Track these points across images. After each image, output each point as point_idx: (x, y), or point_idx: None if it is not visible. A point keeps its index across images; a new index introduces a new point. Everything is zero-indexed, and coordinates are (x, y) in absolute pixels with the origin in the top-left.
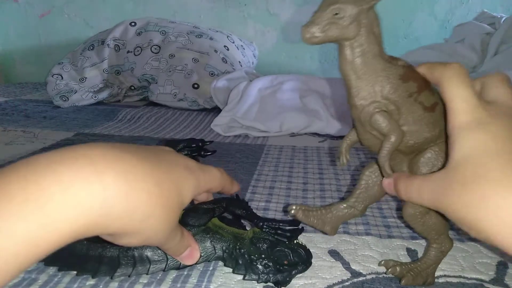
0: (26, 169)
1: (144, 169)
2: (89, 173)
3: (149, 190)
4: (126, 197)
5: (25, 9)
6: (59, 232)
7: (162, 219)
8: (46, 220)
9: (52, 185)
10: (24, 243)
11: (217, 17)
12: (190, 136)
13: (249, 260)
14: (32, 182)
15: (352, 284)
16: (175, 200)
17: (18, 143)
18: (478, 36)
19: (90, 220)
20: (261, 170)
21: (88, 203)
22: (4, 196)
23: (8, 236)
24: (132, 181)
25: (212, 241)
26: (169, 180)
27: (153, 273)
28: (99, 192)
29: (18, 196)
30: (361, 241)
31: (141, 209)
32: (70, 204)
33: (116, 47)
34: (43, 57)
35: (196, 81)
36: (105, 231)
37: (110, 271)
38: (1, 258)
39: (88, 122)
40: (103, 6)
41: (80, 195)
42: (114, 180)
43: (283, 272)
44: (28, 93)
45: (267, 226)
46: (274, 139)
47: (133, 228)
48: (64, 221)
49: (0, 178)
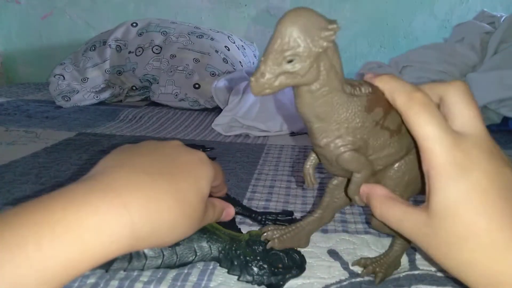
0: (65, 200)
1: (163, 189)
2: (117, 206)
3: (169, 207)
4: (150, 221)
5: (27, 10)
6: (95, 257)
7: (188, 225)
8: (85, 247)
9: (89, 216)
10: (65, 265)
11: (218, 18)
12: (191, 136)
13: (244, 261)
14: (71, 213)
15: (350, 284)
16: (196, 199)
17: (20, 143)
18: (477, 36)
19: (121, 244)
20: (261, 169)
21: (119, 231)
22: (48, 224)
23: (52, 258)
24: (154, 206)
25: (208, 241)
26: (187, 183)
27: (148, 269)
28: (127, 221)
29: (60, 226)
30: (360, 240)
31: (165, 225)
32: (105, 233)
33: (118, 48)
34: (45, 58)
35: (197, 81)
36: (135, 250)
37: (106, 264)
38: (44, 276)
39: (90, 122)
40: (104, 7)
41: (112, 224)
42: (138, 209)
43: (277, 275)
44: (30, 94)
45: (265, 219)
46: (274, 139)
47: (162, 241)
48: (99, 247)
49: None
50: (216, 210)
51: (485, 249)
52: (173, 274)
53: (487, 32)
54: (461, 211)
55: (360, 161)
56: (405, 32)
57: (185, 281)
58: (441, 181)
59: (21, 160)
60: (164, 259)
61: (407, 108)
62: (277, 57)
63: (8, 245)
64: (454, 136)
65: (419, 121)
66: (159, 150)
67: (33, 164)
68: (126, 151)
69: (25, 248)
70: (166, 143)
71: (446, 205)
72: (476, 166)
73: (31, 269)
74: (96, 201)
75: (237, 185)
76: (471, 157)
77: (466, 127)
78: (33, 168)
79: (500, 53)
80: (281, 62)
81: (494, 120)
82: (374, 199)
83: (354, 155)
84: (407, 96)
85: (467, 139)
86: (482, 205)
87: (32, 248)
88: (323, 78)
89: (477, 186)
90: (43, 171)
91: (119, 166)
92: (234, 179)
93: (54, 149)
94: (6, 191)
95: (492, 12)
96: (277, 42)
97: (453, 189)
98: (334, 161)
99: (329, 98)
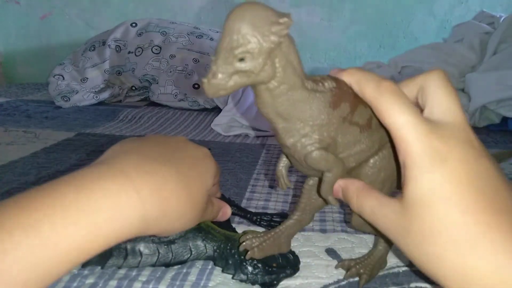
0: (77, 184)
1: (172, 176)
2: (129, 190)
3: (178, 196)
4: (160, 206)
5: (27, 11)
6: (105, 239)
7: (193, 215)
8: (97, 230)
9: (102, 200)
10: (78, 247)
11: (217, 18)
12: (191, 136)
13: (239, 260)
14: (84, 196)
15: (348, 283)
16: (201, 191)
17: (20, 143)
18: (477, 36)
19: (132, 228)
20: (260, 169)
21: (131, 215)
22: (61, 208)
23: (66, 240)
24: (164, 192)
25: (204, 240)
26: (194, 175)
27: (143, 266)
28: (138, 205)
29: (73, 209)
30: (358, 239)
31: (173, 212)
32: (116, 217)
33: (117, 48)
34: (45, 58)
35: (196, 81)
36: (144, 234)
37: (101, 261)
38: (58, 257)
39: (90, 122)
40: (104, 7)
41: (124, 208)
42: (150, 194)
43: (271, 274)
44: (29, 94)
45: (260, 219)
46: (273, 139)
47: (168, 228)
48: (111, 230)
49: (55, 191)
50: (214, 208)
51: (458, 243)
52: (172, 273)
53: (487, 32)
54: (435, 202)
55: (329, 160)
56: (405, 32)
57: (184, 281)
58: (415, 170)
59: (20, 160)
60: (159, 257)
61: (376, 97)
62: (227, 55)
63: (23, 227)
64: (429, 124)
65: (391, 110)
66: (165, 143)
67: (32, 164)
68: (134, 141)
69: (40, 229)
70: (172, 137)
71: (420, 195)
72: (452, 155)
73: (46, 250)
74: (109, 184)
75: (236, 185)
76: (447, 146)
77: (445, 115)
78: (32, 169)
79: (500, 53)
80: (232, 61)
81: (493, 120)
82: (350, 191)
83: (322, 153)
84: (375, 86)
85: (444, 127)
86: (457, 196)
87: (47, 229)
88: (280, 75)
89: (453, 176)
90: (42, 172)
91: (129, 153)
92: (233, 179)
93: (53, 149)
94: (5, 192)
95: (491, 12)
96: (226, 40)
97: (427, 179)
98: (303, 161)
99: (289, 95)
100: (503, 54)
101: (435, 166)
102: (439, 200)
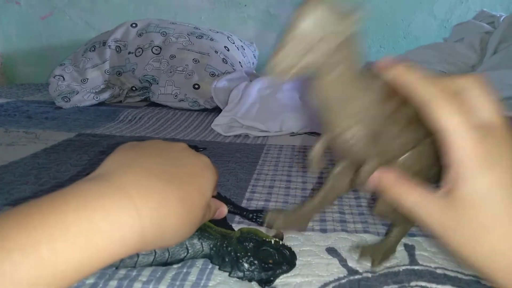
0: (77, 201)
1: (172, 192)
2: (129, 210)
3: (176, 214)
4: (159, 225)
5: (27, 11)
6: (103, 260)
7: (190, 229)
8: (96, 251)
9: (102, 221)
10: (76, 267)
11: (217, 18)
12: (191, 136)
13: (235, 257)
14: (84, 216)
15: (348, 282)
16: (200, 205)
17: (20, 144)
18: (477, 35)
19: (128, 248)
20: (260, 169)
21: (130, 236)
22: (61, 227)
23: (64, 260)
24: (163, 210)
25: (200, 238)
26: (193, 190)
27: (140, 266)
28: (137, 226)
29: (72, 229)
30: (358, 239)
31: (170, 230)
32: (116, 238)
33: (118, 48)
34: (45, 59)
35: (196, 82)
36: (140, 251)
37: None
38: (56, 277)
39: (90, 122)
40: (104, 7)
41: (123, 229)
42: (150, 214)
43: (268, 270)
44: (30, 94)
45: (256, 216)
46: (274, 139)
47: (164, 244)
48: (109, 251)
49: (55, 209)
50: (211, 210)
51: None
52: (172, 273)
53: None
54: (488, 202)
55: (372, 150)
56: (405, 32)
57: (184, 281)
58: (468, 173)
59: (21, 161)
60: (156, 256)
61: (428, 100)
62: (297, 43)
63: (22, 246)
64: (480, 129)
65: (442, 112)
66: (165, 151)
67: (33, 165)
68: (133, 149)
69: (39, 250)
70: (172, 144)
71: (472, 195)
72: (503, 159)
73: (44, 270)
74: (109, 204)
75: (237, 185)
76: (498, 150)
77: (492, 120)
78: (32, 169)
79: (500, 52)
80: (301, 49)
81: None
82: (388, 179)
83: (367, 144)
84: (427, 88)
85: (493, 132)
86: (508, 198)
87: (46, 250)
88: (341, 68)
89: (503, 180)
90: (43, 172)
91: (130, 166)
92: (233, 179)
93: (53, 150)
94: (6, 192)
95: (491, 12)
96: (299, 27)
97: (480, 181)
98: (348, 149)
99: (345, 88)
100: (503, 54)
101: (487, 169)
102: (491, 200)
